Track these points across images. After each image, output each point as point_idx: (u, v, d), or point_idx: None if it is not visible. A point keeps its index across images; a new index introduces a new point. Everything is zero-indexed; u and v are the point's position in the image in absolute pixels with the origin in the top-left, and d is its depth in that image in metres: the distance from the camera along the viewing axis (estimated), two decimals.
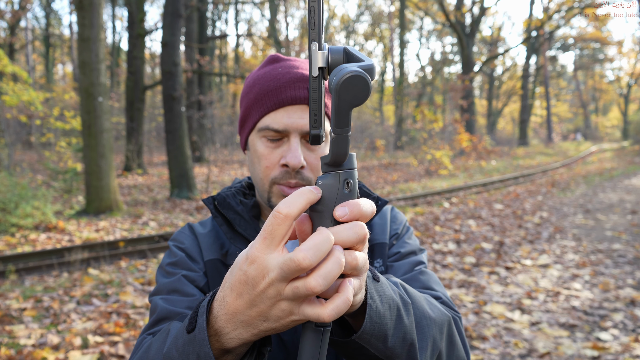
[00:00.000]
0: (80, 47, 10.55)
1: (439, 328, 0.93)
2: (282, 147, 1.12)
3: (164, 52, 13.17)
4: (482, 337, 4.57)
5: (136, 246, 7.96)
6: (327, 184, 0.65)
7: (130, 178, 18.05)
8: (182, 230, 1.26)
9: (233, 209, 1.18)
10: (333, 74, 0.60)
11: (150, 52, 38.59)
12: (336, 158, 0.64)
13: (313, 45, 0.63)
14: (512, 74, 53.94)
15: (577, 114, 67.92)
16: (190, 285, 1.11)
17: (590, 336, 4.55)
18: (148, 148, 26.77)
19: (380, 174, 20.42)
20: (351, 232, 0.64)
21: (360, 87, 0.58)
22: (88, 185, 10.89)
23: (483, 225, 9.74)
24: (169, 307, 1.04)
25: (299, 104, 1.10)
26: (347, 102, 0.59)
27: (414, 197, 13.19)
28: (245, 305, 0.68)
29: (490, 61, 40.35)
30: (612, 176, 19.31)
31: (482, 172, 21.03)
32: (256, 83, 1.16)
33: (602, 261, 7.04)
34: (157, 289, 1.12)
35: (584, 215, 10.77)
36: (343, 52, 0.66)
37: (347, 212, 0.64)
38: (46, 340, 4.34)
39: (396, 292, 0.87)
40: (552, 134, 47.87)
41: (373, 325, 0.78)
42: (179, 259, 1.17)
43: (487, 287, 5.97)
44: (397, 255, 1.22)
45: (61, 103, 26.29)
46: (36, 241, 8.43)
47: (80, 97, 10.82)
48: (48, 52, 37.56)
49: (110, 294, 5.72)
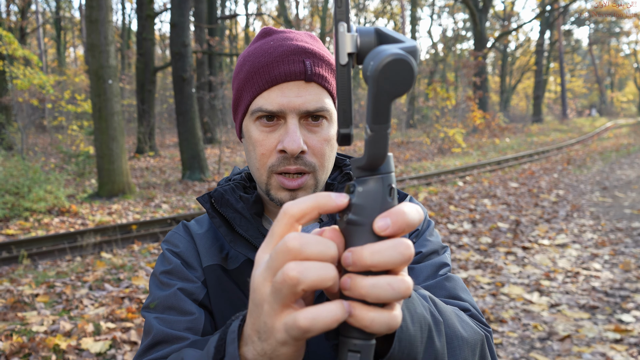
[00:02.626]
0: (88, 29, 10.46)
1: (472, 349, 0.82)
2: (278, 130, 0.98)
3: (173, 33, 13.04)
4: (500, 319, 4.48)
5: (149, 229, 7.94)
6: (369, 190, 0.53)
7: (142, 160, 18.06)
8: (177, 231, 1.12)
9: (232, 206, 1.04)
10: (369, 58, 0.49)
11: (160, 33, 38.43)
12: (373, 160, 0.52)
13: (340, 26, 0.52)
14: (526, 49, 53.10)
15: (592, 89, 66.90)
16: (188, 301, 0.98)
17: (611, 318, 4.44)
18: (160, 130, 26.80)
19: (393, 152, 20.26)
20: (394, 252, 0.51)
21: (403, 74, 0.47)
22: (100, 169, 10.88)
23: (498, 204, 9.60)
24: (165, 329, 0.93)
25: (294, 80, 0.96)
26: (388, 92, 0.48)
27: (427, 176, 13.05)
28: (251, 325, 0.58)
29: (504, 37, 39.66)
30: (629, 152, 19.00)
31: (495, 150, 20.78)
32: (246, 61, 1.02)
33: (621, 240, 6.89)
34: (151, 303, 1.00)
35: (601, 193, 10.58)
36: (374, 33, 0.54)
37: (389, 223, 0.52)
38: (58, 327, 4.31)
39: (427, 308, 0.74)
40: (566, 110, 47.19)
41: (402, 349, 0.65)
42: (174, 266, 1.03)
43: (504, 268, 5.86)
44: (418, 255, 1.08)
45: (72, 86, 26.30)
46: (49, 225, 8.44)
47: (90, 80, 10.77)
48: (59, 35, 37.47)
49: (123, 278, 5.70)
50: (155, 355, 0.91)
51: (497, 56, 52.59)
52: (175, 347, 0.91)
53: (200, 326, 0.96)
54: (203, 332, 0.96)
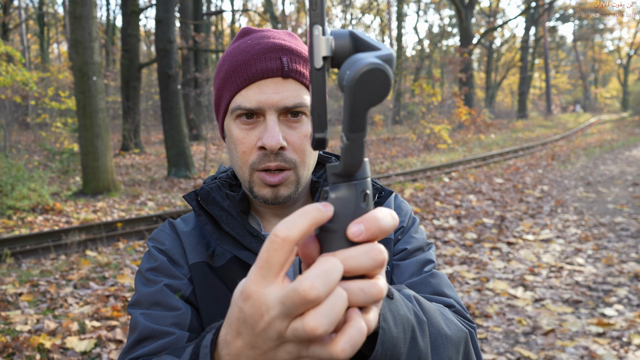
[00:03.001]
0: (72, 25, 10.35)
1: (456, 347, 0.82)
2: (258, 128, 0.99)
3: (158, 29, 12.95)
4: (485, 314, 4.52)
5: (134, 227, 7.89)
6: (342, 197, 0.53)
7: (128, 157, 17.93)
8: (162, 229, 1.11)
9: (218, 204, 1.04)
10: (345, 66, 0.49)
11: (145, 29, 38.13)
12: (350, 168, 0.53)
13: (315, 29, 0.51)
14: (511, 45, 53.39)
15: (576, 85, 67.45)
16: (174, 297, 0.99)
17: (594, 312, 4.50)
18: (145, 127, 26.61)
19: (379, 149, 20.30)
20: (366, 258, 0.52)
21: (379, 83, 0.47)
22: (85, 166, 10.78)
23: (484, 200, 9.66)
24: (151, 324, 0.93)
25: (272, 77, 0.97)
26: (364, 101, 0.48)
27: (413, 172, 13.10)
28: (246, 347, 0.57)
29: (489, 33, 39.86)
30: (612, 148, 19.21)
31: (481, 146, 20.91)
32: (225, 60, 1.03)
33: (604, 235, 6.97)
34: (136, 300, 1.00)
35: (585, 188, 10.69)
36: (349, 36, 0.54)
37: (362, 229, 0.52)
38: (43, 326, 4.28)
39: (411, 309, 0.75)
40: (551, 106, 47.55)
41: (385, 351, 0.66)
42: (160, 263, 1.03)
43: (489, 264, 5.91)
44: (403, 252, 1.09)
45: (56, 83, 25.99)
46: (33, 223, 8.35)
47: (74, 77, 10.67)
48: (42, 31, 37.00)
49: (108, 276, 5.66)
50: (142, 351, 0.91)
51: (483, 52, 52.86)
52: (162, 342, 0.91)
53: (187, 321, 0.97)
54: (189, 327, 0.96)
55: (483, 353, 3.86)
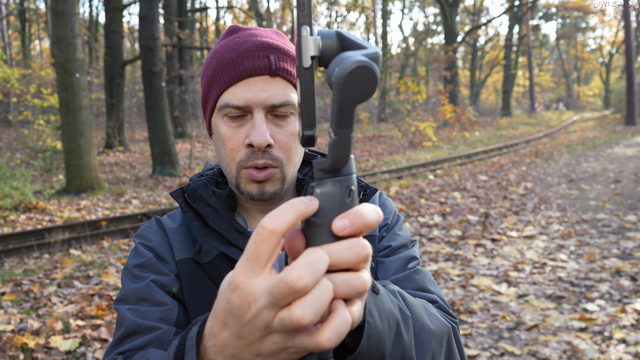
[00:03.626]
0: (54, 21, 10.24)
1: (439, 341, 0.84)
2: (246, 125, 1.00)
3: (142, 26, 12.85)
4: (469, 310, 4.56)
5: (119, 225, 7.84)
6: (327, 192, 0.55)
7: (112, 155, 17.78)
8: (149, 225, 1.12)
9: (205, 201, 1.05)
10: (333, 64, 0.50)
11: (129, 26, 37.78)
12: (336, 164, 0.54)
13: (303, 29, 0.53)
14: (495, 44, 53.78)
15: (559, 83, 68.17)
16: (161, 292, 0.99)
17: (577, 307, 4.56)
18: (129, 124, 26.38)
19: (365, 146, 20.35)
20: (350, 253, 0.53)
21: (367, 80, 0.49)
22: (68, 164, 10.68)
23: (468, 197, 9.73)
24: (138, 319, 0.93)
25: (259, 75, 0.98)
26: (352, 97, 0.49)
27: (399, 170, 13.15)
28: (232, 338, 0.57)
29: (473, 31, 40.09)
30: (594, 145, 19.44)
31: (466, 144, 21.05)
32: (213, 58, 1.03)
33: (587, 231, 7.06)
34: (123, 296, 1.00)
35: (568, 185, 10.81)
36: (336, 36, 0.55)
37: (347, 224, 0.53)
38: (26, 326, 4.24)
39: (395, 304, 0.77)
40: (534, 104, 48.01)
41: (370, 345, 0.68)
42: (147, 259, 1.03)
43: (474, 260, 5.96)
44: (388, 249, 1.11)
45: (38, 80, 25.69)
46: (16, 222, 8.26)
47: (57, 74, 10.55)
48: (24, 27, 36.51)
49: (92, 275, 5.62)
50: (129, 345, 0.91)
51: (467, 50, 53.16)
52: (149, 337, 0.92)
53: (174, 317, 0.97)
54: (176, 322, 0.97)
55: (467, 349, 3.90)
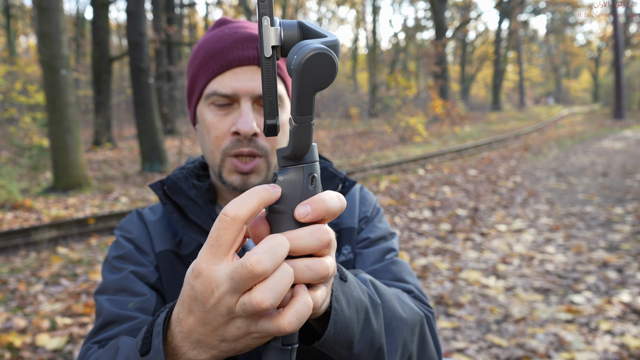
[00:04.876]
0: (39, 17, 10.13)
1: (411, 329, 0.84)
2: (232, 114, 1.01)
3: (129, 21, 12.76)
4: (458, 304, 4.57)
5: (107, 223, 7.78)
6: (289, 180, 0.55)
7: (100, 152, 17.67)
8: (130, 218, 1.14)
9: (185, 193, 1.06)
10: (292, 52, 0.50)
11: (116, 22, 37.50)
12: (298, 150, 0.55)
13: (264, 20, 0.53)
14: (485, 39, 53.94)
15: (548, 78, 68.51)
16: (139, 283, 1.00)
17: (564, 299, 4.58)
18: (118, 121, 26.21)
19: (355, 142, 20.36)
20: (312, 238, 0.54)
21: (325, 67, 0.49)
22: (55, 162, 10.59)
23: (458, 192, 9.76)
24: (116, 309, 0.94)
25: (247, 65, 0.99)
26: (311, 85, 0.50)
27: (389, 165, 13.17)
28: (197, 323, 0.58)
29: (463, 26, 40.22)
30: (583, 139, 19.56)
31: (456, 138, 21.10)
32: (201, 47, 1.05)
33: (574, 224, 7.10)
34: (102, 287, 1.01)
35: (556, 179, 10.87)
36: (297, 26, 0.56)
37: (309, 210, 0.54)
38: (12, 324, 4.20)
39: (365, 292, 0.77)
40: (524, 99, 48.19)
41: (337, 331, 0.68)
42: (127, 251, 1.05)
43: (463, 254, 5.97)
44: (366, 241, 1.12)
45: (24, 77, 25.45)
46: (2, 220, 8.18)
47: (43, 70, 10.45)
48: (9, 23, 36.19)
49: (80, 273, 5.58)
50: (106, 334, 0.92)
51: (457, 45, 53.33)
52: (125, 326, 0.93)
53: (152, 307, 0.98)
54: (153, 312, 0.98)
55: (455, 342, 3.91)
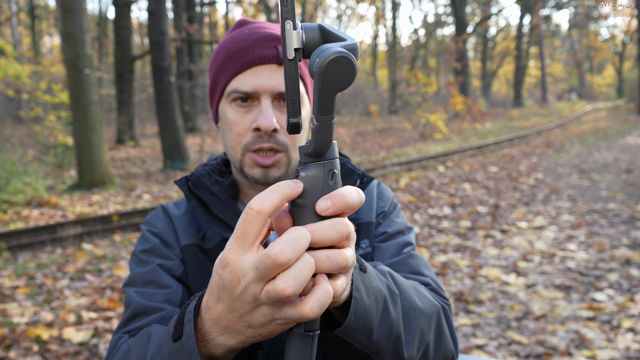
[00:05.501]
0: (63, 17, 10.31)
1: (428, 319, 0.88)
2: (253, 111, 1.06)
3: (151, 21, 12.90)
4: (478, 300, 4.57)
5: (130, 219, 7.91)
6: (311, 175, 0.59)
7: (123, 150, 17.91)
8: (156, 213, 1.18)
9: (208, 189, 1.09)
10: (314, 55, 0.54)
11: (138, 21, 37.92)
12: (319, 148, 0.58)
13: (287, 24, 0.57)
14: (506, 34, 53.34)
15: (571, 73, 67.51)
16: (166, 276, 1.04)
17: (585, 297, 4.55)
18: (140, 120, 26.52)
19: (375, 139, 20.33)
20: (332, 231, 0.58)
21: (345, 69, 0.53)
22: (79, 160, 10.78)
23: (478, 189, 9.71)
24: (144, 301, 0.98)
25: (267, 64, 1.04)
26: (332, 86, 0.54)
27: (409, 162, 13.14)
28: (225, 311, 0.62)
29: (484, 22, 39.83)
30: (606, 135, 19.27)
31: (476, 135, 20.95)
32: (222, 48, 1.09)
33: (597, 221, 7.03)
34: (131, 279, 1.06)
35: (579, 176, 10.75)
36: (318, 30, 0.60)
37: (329, 205, 0.58)
38: (39, 318, 4.31)
39: (384, 282, 0.81)
40: (546, 95, 47.61)
41: (357, 319, 0.72)
42: (153, 245, 1.09)
43: (483, 251, 5.96)
44: (384, 235, 1.15)
45: (49, 76, 25.88)
46: (29, 217, 8.36)
47: (67, 70, 10.64)
48: (34, 24, 36.81)
49: (104, 269, 5.69)
50: (135, 325, 0.96)
51: (478, 41, 52.80)
52: (154, 317, 0.96)
53: (178, 298, 1.02)
54: (180, 303, 1.01)
55: (475, 338, 3.91)
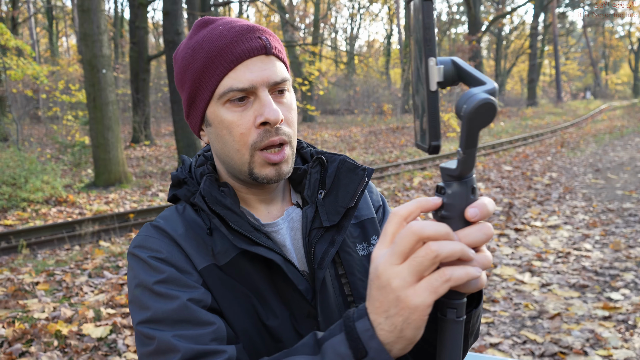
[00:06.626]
0: (81, 18, 10.46)
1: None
2: (251, 107, 0.98)
3: (166, 21, 12.99)
4: (492, 299, 4.58)
5: (146, 217, 8.01)
6: (456, 192, 0.69)
7: (138, 149, 18.08)
8: (148, 234, 1.01)
9: (221, 203, 1.00)
10: (462, 100, 0.64)
11: (153, 21, 38.21)
12: (464, 172, 0.68)
13: (430, 60, 0.66)
14: (520, 33, 52.93)
15: (586, 72, 66.77)
16: (202, 311, 0.92)
17: (600, 296, 4.55)
18: (155, 119, 26.70)
19: (388, 138, 20.32)
20: (480, 234, 0.68)
21: (489, 112, 0.63)
22: (96, 158, 10.92)
23: (492, 188, 9.69)
24: (193, 345, 0.86)
25: (256, 55, 0.98)
26: (477, 126, 0.64)
27: (422, 161, 13.13)
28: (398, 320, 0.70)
29: (498, 20, 39.56)
30: (622, 134, 19.10)
31: (490, 134, 20.86)
32: (198, 50, 0.99)
33: (612, 221, 7.00)
34: (152, 318, 0.90)
35: (594, 175, 10.68)
36: (451, 64, 0.69)
37: (477, 212, 0.68)
38: (59, 314, 4.40)
39: None
40: (561, 93, 47.16)
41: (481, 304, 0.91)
42: (169, 275, 0.94)
43: (497, 250, 5.96)
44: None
45: (66, 76, 26.16)
46: (47, 215, 8.49)
47: (84, 70, 10.78)
48: (51, 24, 37.19)
49: (122, 265, 5.77)
50: None
51: (492, 40, 52.49)
52: None
53: (224, 334, 0.91)
54: (228, 339, 0.92)
55: (490, 337, 3.93)
